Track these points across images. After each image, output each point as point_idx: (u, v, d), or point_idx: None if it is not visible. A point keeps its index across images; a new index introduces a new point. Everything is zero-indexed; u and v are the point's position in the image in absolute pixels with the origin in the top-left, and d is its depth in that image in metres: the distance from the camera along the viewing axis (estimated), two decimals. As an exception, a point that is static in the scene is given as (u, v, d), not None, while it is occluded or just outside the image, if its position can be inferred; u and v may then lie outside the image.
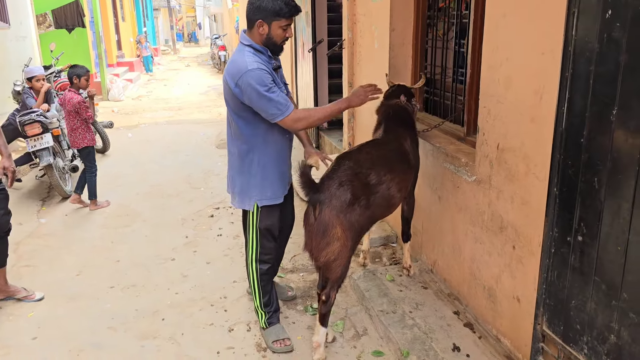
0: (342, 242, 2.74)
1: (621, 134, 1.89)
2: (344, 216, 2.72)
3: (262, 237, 3.09)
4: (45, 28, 12.37)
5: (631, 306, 1.93)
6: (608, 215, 1.99)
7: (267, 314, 3.20)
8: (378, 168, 2.89)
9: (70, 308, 3.63)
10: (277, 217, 3.10)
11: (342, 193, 2.73)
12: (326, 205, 2.72)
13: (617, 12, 1.85)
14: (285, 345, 3.11)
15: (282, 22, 2.76)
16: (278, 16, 2.73)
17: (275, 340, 3.13)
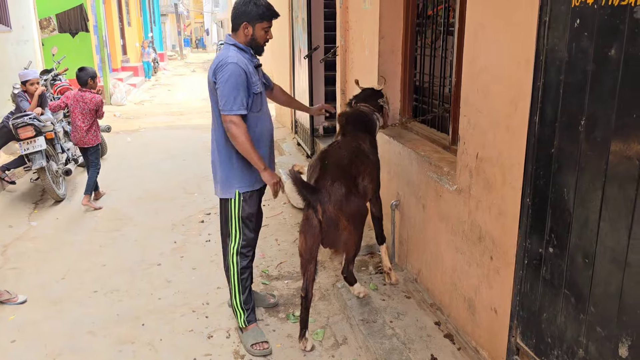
0: (350, 230, 3.07)
1: (589, 144, 1.86)
2: (345, 207, 3.01)
3: (245, 226, 3.20)
4: (49, 32, 12.46)
5: (598, 320, 1.89)
6: (577, 227, 1.96)
7: (246, 311, 3.24)
8: (354, 162, 3.20)
9: (52, 312, 3.62)
10: (256, 205, 3.26)
11: (338, 188, 3.00)
12: (327, 202, 2.96)
13: (585, 22, 1.83)
14: (264, 348, 3.15)
15: (264, 24, 3.05)
16: (261, 19, 3.03)
17: (253, 343, 3.16)
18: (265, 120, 3.18)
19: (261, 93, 3.12)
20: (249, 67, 3.00)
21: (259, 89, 3.07)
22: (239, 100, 2.93)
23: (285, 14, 7.88)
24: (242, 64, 2.96)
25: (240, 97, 2.94)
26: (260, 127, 3.13)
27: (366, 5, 4.33)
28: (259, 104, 3.10)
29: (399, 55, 4.16)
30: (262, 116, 3.13)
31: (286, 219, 5.23)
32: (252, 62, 3.08)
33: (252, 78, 3.01)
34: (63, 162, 6.13)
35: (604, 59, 1.77)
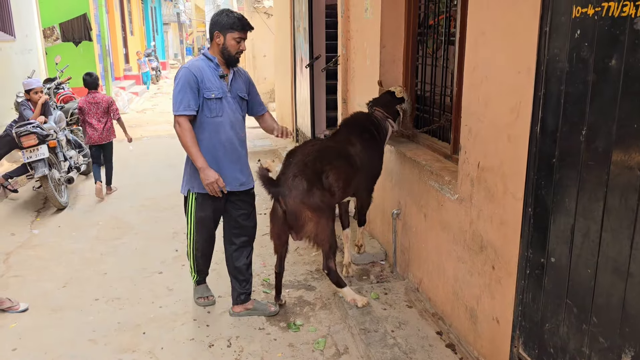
0: (315, 221, 3.26)
1: (590, 154, 1.87)
2: (307, 200, 3.21)
3: (197, 227, 3.50)
4: (52, 41, 12.53)
5: (601, 331, 1.89)
6: (579, 237, 1.96)
7: (198, 276, 3.76)
8: (320, 157, 3.37)
9: (53, 320, 3.61)
10: (210, 210, 3.44)
11: (298, 183, 3.22)
12: (288, 196, 3.21)
13: (585, 32, 1.84)
14: (208, 299, 3.74)
15: (235, 35, 3.23)
16: (231, 29, 3.22)
17: (199, 297, 3.76)
18: (224, 127, 3.31)
19: (221, 100, 3.27)
20: (203, 73, 3.23)
21: (214, 95, 3.25)
22: (185, 102, 3.19)
23: (287, 23, 7.93)
24: (195, 69, 3.22)
25: (186, 100, 3.19)
26: (216, 133, 3.29)
27: (367, 14, 4.36)
28: (217, 110, 3.27)
29: (400, 65, 4.17)
30: (219, 122, 3.29)
31: (288, 227, 5.22)
32: (215, 70, 3.28)
33: (205, 84, 3.22)
34: (65, 170, 6.15)
35: (604, 69, 1.78)
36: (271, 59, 12.76)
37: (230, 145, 3.35)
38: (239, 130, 3.41)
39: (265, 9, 13.35)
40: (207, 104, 3.24)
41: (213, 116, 3.27)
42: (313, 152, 3.41)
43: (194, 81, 3.20)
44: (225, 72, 3.33)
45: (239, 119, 3.41)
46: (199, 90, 3.22)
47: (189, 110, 3.20)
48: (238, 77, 3.43)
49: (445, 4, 3.56)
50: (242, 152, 3.45)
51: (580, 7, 1.86)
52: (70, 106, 7.29)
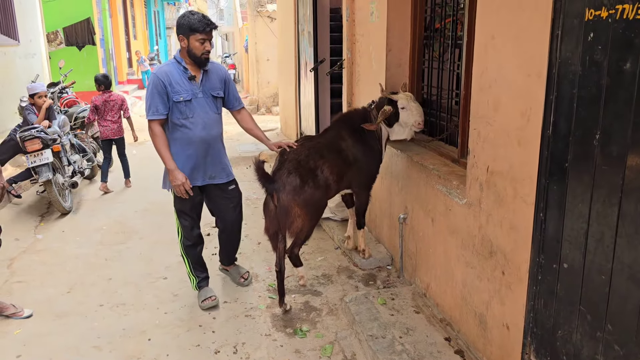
0: (303, 218, 3.46)
1: (604, 159, 1.84)
2: (298, 198, 3.38)
3: (179, 217, 3.73)
4: (56, 45, 12.57)
5: (615, 338, 1.85)
6: (592, 243, 1.92)
7: (197, 278, 3.85)
8: (312, 154, 3.51)
9: (58, 326, 3.59)
10: (188, 203, 3.62)
11: (292, 180, 3.38)
12: (282, 192, 3.37)
13: (599, 35, 1.81)
14: (212, 300, 3.74)
15: (197, 36, 3.32)
16: (193, 31, 3.32)
17: (204, 299, 3.75)
18: (196, 128, 3.45)
19: (191, 101, 3.41)
20: (170, 78, 3.37)
21: (183, 98, 3.38)
22: (153, 107, 3.37)
23: (290, 27, 7.92)
24: (162, 74, 3.38)
25: (154, 105, 3.37)
26: (187, 134, 3.45)
27: (373, 18, 4.34)
28: (187, 112, 3.41)
29: (406, 69, 4.15)
30: (191, 123, 3.44)
31: (292, 232, 5.19)
32: (184, 73, 3.42)
33: (173, 87, 3.36)
34: (69, 174, 6.13)
35: (618, 72, 1.75)
36: (275, 63, 12.75)
37: (203, 143, 3.52)
38: (211, 128, 3.54)
39: (268, 12, 13.36)
40: (177, 106, 3.40)
41: (184, 118, 3.43)
42: (306, 149, 3.55)
43: (161, 86, 3.35)
44: (194, 73, 3.44)
45: (213, 118, 3.55)
46: (167, 95, 3.37)
47: (158, 115, 3.38)
48: (211, 76, 3.53)
49: (452, 8, 3.54)
50: (215, 148, 3.61)
51: (593, 10, 1.83)
52: (74, 110, 7.29)
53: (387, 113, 3.66)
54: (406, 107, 3.70)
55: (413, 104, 3.72)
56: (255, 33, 13.81)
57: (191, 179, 3.52)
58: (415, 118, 3.69)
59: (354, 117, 3.94)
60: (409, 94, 3.77)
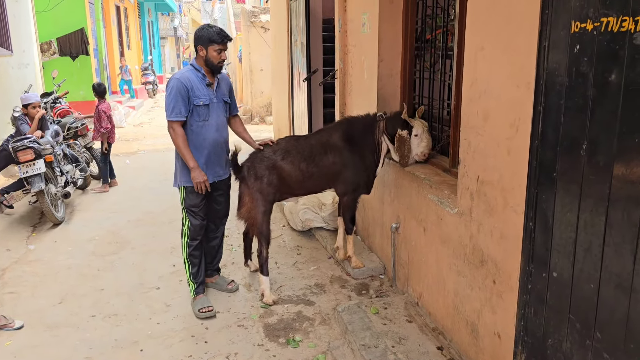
0: (249, 206, 3.93)
1: (591, 168, 1.86)
2: (251, 189, 3.90)
3: (189, 214, 3.85)
4: (49, 55, 12.56)
5: (605, 346, 1.87)
6: (581, 252, 1.95)
7: (196, 284, 3.93)
8: (279, 153, 3.93)
9: (49, 337, 3.57)
10: (199, 199, 3.81)
11: (252, 173, 3.90)
12: (243, 181, 3.95)
13: (584, 47, 1.85)
14: (209, 311, 3.79)
15: (215, 47, 3.63)
16: (212, 42, 3.62)
17: (200, 308, 3.81)
18: (210, 130, 3.73)
19: (208, 106, 3.68)
20: (192, 83, 3.62)
21: (202, 102, 3.65)
22: (177, 109, 3.60)
23: (284, 37, 7.97)
24: (185, 79, 3.62)
25: (177, 107, 3.59)
26: (203, 135, 3.72)
27: (365, 29, 4.38)
28: (204, 115, 3.69)
29: (398, 79, 4.19)
30: (206, 125, 3.71)
31: (285, 241, 5.20)
32: (202, 80, 3.69)
33: (194, 92, 3.63)
34: (62, 184, 6.11)
35: (604, 83, 1.78)
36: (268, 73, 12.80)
37: (216, 144, 3.79)
38: (223, 131, 3.85)
39: (262, 23, 13.43)
40: (196, 110, 3.66)
41: (201, 120, 3.69)
42: (279, 148, 3.97)
43: (184, 90, 3.60)
44: (211, 80, 3.74)
45: (223, 122, 3.86)
46: (189, 99, 3.62)
47: (180, 117, 3.62)
48: (222, 83, 3.84)
49: (443, 19, 3.58)
50: (223, 149, 3.89)
51: (579, 22, 1.87)
52: (67, 120, 7.28)
53: (403, 139, 3.72)
54: (419, 135, 3.72)
55: (426, 135, 3.74)
56: (249, 43, 13.87)
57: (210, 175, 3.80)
58: (422, 149, 3.73)
59: (357, 124, 4.02)
60: (424, 123, 3.77)
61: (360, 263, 4.30)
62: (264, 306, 3.90)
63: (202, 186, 3.68)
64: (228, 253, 4.79)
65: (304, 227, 5.28)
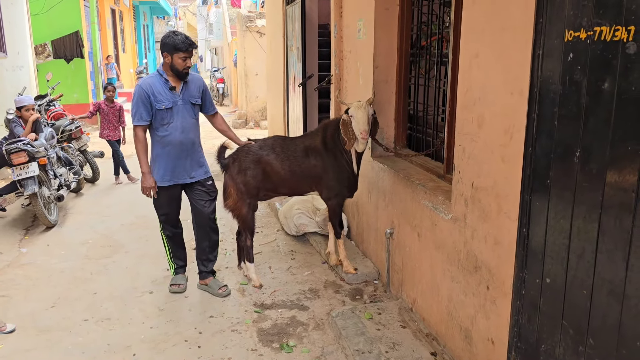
0: (234, 198, 4.13)
1: (584, 176, 1.88)
2: (235, 180, 4.09)
3: (157, 213, 4.15)
4: (44, 58, 12.51)
5: (597, 352, 1.88)
6: (574, 259, 1.96)
7: (175, 265, 4.31)
8: (264, 149, 4.13)
9: (42, 341, 3.54)
10: (165, 198, 4.05)
11: (236, 164, 4.11)
12: (227, 171, 4.15)
13: (578, 55, 1.87)
14: (179, 287, 4.21)
15: (180, 54, 3.79)
16: (177, 50, 3.78)
17: (172, 284, 4.24)
18: (175, 132, 3.88)
19: (171, 109, 3.83)
20: (153, 88, 3.79)
21: (164, 106, 3.81)
22: (138, 114, 3.80)
23: (279, 42, 7.98)
24: (146, 85, 3.81)
25: (139, 112, 3.80)
26: (169, 137, 3.88)
27: (360, 35, 4.40)
28: (168, 118, 3.84)
29: (393, 85, 4.20)
30: (171, 128, 3.87)
31: (280, 246, 5.20)
32: (165, 84, 3.85)
33: (156, 97, 3.79)
34: (55, 187, 6.09)
35: (597, 92, 1.80)
36: (263, 78, 12.81)
37: (181, 145, 3.93)
38: (189, 132, 3.96)
39: (257, 27, 13.45)
40: (159, 113, 3.83)
41: (165, 123, 3.86)
42: (264, 144, 4.17)
43: (145, 96, 3.78)
44: (174, 84, 3.88)
45: (191, 122, 3.97)
46: (151, 104, 3.79)
47: (142, 121, 3.83)
48: (190, 85, 3.96)
49: (438, 26, 3.60)
50: (193, 150, 4.01)
51: (572, 31, 1.89)
52: (61, 123, 7.24)
53: (345, 123, 3.84)
54: (354, 115, 3.79)
55: (359, 111, 3.75)
56: (244, 48, 13.88)
57: (174, 178, 3.98)
58: (359, 128, 3.76)
59: (330, 126, 4.14)
60: (361, 102, 3.80)
61: (352, 268, 4.30)
62: (257, 311, 3.89)
63: (147, 192, 3.94)
64: (222, 257, 4.78)
65: (298, 232, 5.28)
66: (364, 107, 3.76)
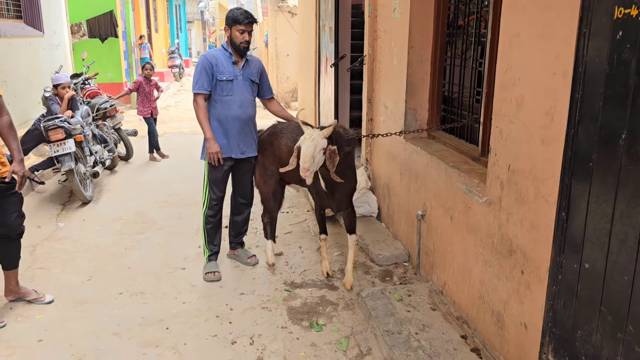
0: (257, 175, 4.23)
1: (630, 159, 1.82)
2: (257, 159, 4.20)
3: (210, 187, 4.13)
4: (79, 37, 12.71)
5: (637, 340, 1.84)
6: (615, 244, 1.91)
7: (210, 251, 4.26)
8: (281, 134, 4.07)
9: (78, 312, 3.66)
10: (220, 173, 4.07)
11: (262, 145, 4.18)
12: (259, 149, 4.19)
13: (628, 34, 1.80)
14: (215, 275, 4.12)
15: (239, 27, 3.87)
16: (236, 22, 3.86)
17: (208, 272, 4.15)
18: (233, 105, 3.96)
19: (232, 82, 3.92)
20: (217, 60, 3.90)
21: (225, 77, 3.91)
22: (200, 83, 3.90)
23: (311, 22, 7.92)
24: (211, 56, 3.93)
25: (201, 81, 3.89)
26: (226, 109, 3.96)
27: (395, 14, 4.33)
28: (227, 90, 3.93)
29: (428, 65, 4.13)
30: (230, 101, 3.95)
31: (310, 226, 5.22)
32: (229, 58, 3.95)
33: (219, 68, 3.89)
34: (91, 164, 6.22)
35: (648, 71, 1.73)
36: (294, 58, 12.78)
37: (238, 119, 3.99)
38: (247, 107, 4.03)
39: (289, 7, 13.36)
40: (220, 84, 3.92)
41: (224, 95, 3.94)
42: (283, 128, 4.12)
43: (209, 66, 3.89)
44: (237, 59, 3.97)
45: (248, 99, 4.04)
46: (213, 74, 3.89)
47: (203, 90, 3.91)
48: (251, 64, 4.05)
49: (476, 5, 3.52)
50: (247, 126, 4.06)
51: (623, 8, 1.82)
52: (96, 101, 7.38)
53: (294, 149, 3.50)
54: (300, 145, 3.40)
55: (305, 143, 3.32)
56: (276, 28, 13.84)
57: (227, 151, 4.01)
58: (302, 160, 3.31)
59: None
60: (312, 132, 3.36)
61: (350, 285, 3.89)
62: (287, 289, 3.93)
63: (214, 157, 3.94)
64: (253, 236, 4.83)
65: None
66: (313, 138, 3.30)
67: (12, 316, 3.58)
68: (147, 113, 8.19)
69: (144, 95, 8.19)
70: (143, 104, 8.20)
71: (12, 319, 3.55)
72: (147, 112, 8.19)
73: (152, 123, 8.22)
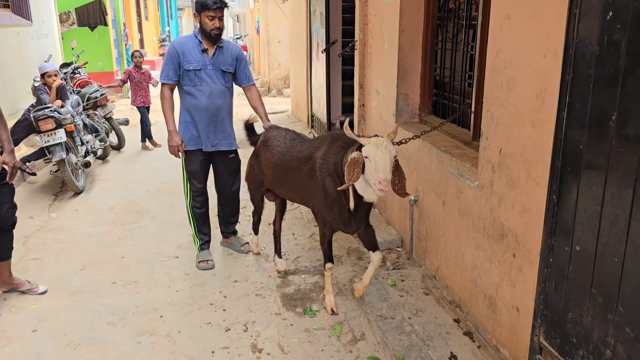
0: (247, 175, 4.01)
1: (620, 141, 1.82)
2: (251, 159, 3.94)
3: (189, 179, 4.09)
4: (68, 26, 12.57)
5: (627, 320, 1.85)
6: (606, 226, 1.91)
7: (201, 240, 4.21)
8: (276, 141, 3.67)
9: (72, 302, 3.65)
10: (196, 165, 4.01)
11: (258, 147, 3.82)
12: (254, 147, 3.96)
13: (618, 14, 1.78)
14: (208, 263, 4.09)
15: (207, 13, 3.70)
16: (204, 8, 3.70)
17: (201, 260, 4.11)
18: (202, 96, 3.83)
19: (200, 71, 3.78)
20: (184, 48, 3.77)
21: (193, 67, 3.77)
22: (165, 72, 3.81)
23: (302, 8, 7.86)
24: (178, 44, 3.82)
25: (166, 71, 3.80)
26: (194, 99, 3.84)
27: (386, -2, 4.29)
28: (195, 80, 3.80)
29: (419, 50, 4.11)
30: (198, 91, 3.82)
31: (303, 213, 5.21)
32: (198, 46, 3.80)
33: (186, 57, 3.76)
34: (82, 154, 6.17)
35: (637, 52, 1.72)
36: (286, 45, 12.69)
37: (207, 110, 3.87)
38: (216, 98, 3.88)
39: (280, -6, 13.25)
40: (187, 74, 3.80)
41: (192, 85, 3.82)
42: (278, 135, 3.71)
43: (175, 55, 3.78)
44: (207, 47, 3.82)
45: (219, 89, 3.88)
46: (180, 63, 3.77)
47: (168, 80, 3.82)
48: (225, 52, 3.89)
49: (467, -13, 3.49)
50: (219, 117, 3.92)
51: (612, -12, 1.80)
52: (86, 91, 7.31)
53: (355, 164, 2.82)
54: (370, 156, 2.77)
55: (379, 153, 2.74)
56: (267, 14, 13.73)
57: (197, 143, 3.94)
58: (375, 175, 2.74)
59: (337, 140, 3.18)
60: (382, 140, 2.81)
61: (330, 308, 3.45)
62: (281, 276, 3.93)
63: (174, 150, 3.89)
64: (247, 224, 4.82)
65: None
66: (385, 146, 2.78)
67: (6, 307, 3.57)
68: (139, 102, 8.12)
69: (135, 84, 8.11)
70: (135, 93, 8.12)
71: (6, 309, 3.54)
72: (139, 102, 8.12)
73: (145, 112, 8.13)
